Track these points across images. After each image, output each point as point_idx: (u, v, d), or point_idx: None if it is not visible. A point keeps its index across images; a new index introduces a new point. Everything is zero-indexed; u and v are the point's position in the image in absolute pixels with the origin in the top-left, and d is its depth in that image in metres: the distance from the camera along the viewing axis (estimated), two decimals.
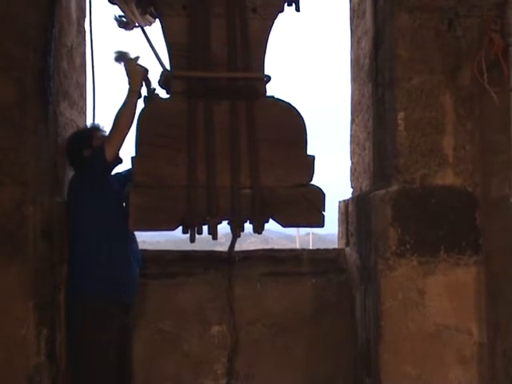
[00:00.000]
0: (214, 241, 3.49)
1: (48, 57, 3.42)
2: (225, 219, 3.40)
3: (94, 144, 3.58)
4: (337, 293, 4.04)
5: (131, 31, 3.79)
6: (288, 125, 3.45)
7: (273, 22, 3.50)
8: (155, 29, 3.70)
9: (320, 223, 3.47)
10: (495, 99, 3.07)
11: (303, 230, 32.97)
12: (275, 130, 3.44)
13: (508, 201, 3.05)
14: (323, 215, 3.45)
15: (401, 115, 3.32)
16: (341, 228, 4.43)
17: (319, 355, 3.97)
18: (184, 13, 3.44)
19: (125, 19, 3.75)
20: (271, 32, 3.50)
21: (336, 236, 4.59)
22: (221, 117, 3.42)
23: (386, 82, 3.49)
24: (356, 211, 3.91)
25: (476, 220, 3.31)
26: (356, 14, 4.26)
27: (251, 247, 5.45)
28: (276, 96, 3.49)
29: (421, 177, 3.32)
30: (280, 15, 3.51)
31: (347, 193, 4.44)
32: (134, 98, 3.47)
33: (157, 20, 3.62)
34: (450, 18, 3.30)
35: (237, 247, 3.98)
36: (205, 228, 3.36)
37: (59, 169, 3.64)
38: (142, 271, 3.79)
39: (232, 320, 3.93)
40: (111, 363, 3.47)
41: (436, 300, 3.27)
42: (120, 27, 3.79)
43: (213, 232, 3.36)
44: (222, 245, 5.37)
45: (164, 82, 3.54)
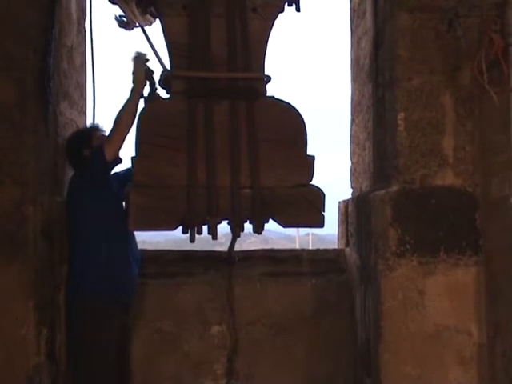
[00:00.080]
0: (214, 241, 3.49)
1: (48, 57, 3.42)
2: (225, 219, 3.41)
3: (94, 144, 3.58)
4: (337, 293, 4.03)
5: (131, 31, 3.80)
6: (288, 125, 3.45)
7: (273, 22, 3.50)
8: (155, 29, 3.71)
9: (320, 223, 3.47)
10: (495, 99, 3.06)
11: (303, 231, 33.08)
12: (275, 130, 3.44)
13: (508, 201, 3.04)
14: (323, 215, 3.45)
15: (401, 115, 3.32)
16: (341, 228, 4.42)
17: (319, 355, 3.96)
18: (184, 13, 3.44)
19: (125, 19, 3.75)
20: (271, 32, 3.50)
21: (336, 236, 4.58)
22: (221, 117, 3.42)
23: (386, 82, 3.49)
24: (356, 211, 3.91)
25: (476, 220, 3.30)
26: (356, 14, 4.25)
27: (251, 247, 5.45)
28: (276, 96, 3.50)
29: (421, 177, 3.32)
30: (280, 15, 3.51)
31: (347, 193, 4.44)
32: (136, 98, 3.47)
33: (157, 20, 3.62)
34: (450, 18, 3.29)
35: (237, 247, 3.97)
36: (205, 228, 3.36)
37: (59, 169, 3.64)
38: (142, 271, 3.79)
39: (232, 320, 3.93)
40: (111, 363, 3.47)
41: (436, 300, 3.27)
42: (120, 27, 3.80)
43: (213, 232, 3.36)
44: (222, 245, 5.36)
45: (164, 82, 3.54)
